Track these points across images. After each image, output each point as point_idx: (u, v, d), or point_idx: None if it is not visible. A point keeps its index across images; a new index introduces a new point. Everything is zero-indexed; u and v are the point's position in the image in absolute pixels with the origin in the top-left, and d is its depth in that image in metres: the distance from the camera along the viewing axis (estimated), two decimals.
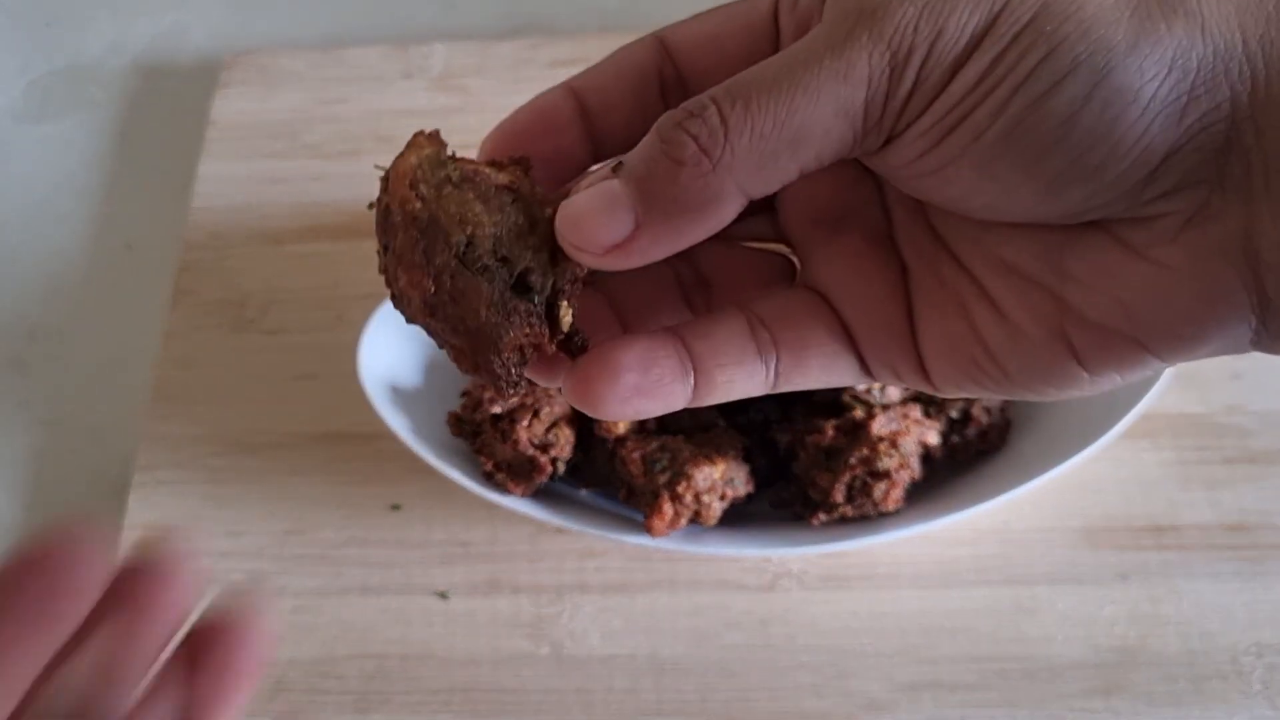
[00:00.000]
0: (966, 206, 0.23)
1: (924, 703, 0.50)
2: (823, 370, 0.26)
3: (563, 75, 0.27)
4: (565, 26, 0.76)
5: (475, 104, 0.71)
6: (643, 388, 0.24)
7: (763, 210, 0.28)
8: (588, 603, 0.54)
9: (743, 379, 0.25)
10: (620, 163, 0.23)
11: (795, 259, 0.28)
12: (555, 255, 0.25)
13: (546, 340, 0.25)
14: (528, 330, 0.24)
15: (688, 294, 0.28)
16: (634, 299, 0.27)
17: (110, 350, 0.65)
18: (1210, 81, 0.20)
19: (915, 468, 0.51)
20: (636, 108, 0.25)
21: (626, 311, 0.27)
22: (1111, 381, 0.24)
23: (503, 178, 0.25)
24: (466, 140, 0.76)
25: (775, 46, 0.25)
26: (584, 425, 0.53)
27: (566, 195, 0.24)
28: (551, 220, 0.24)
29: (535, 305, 0.24)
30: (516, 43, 0.73)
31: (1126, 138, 0.20)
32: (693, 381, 0.25)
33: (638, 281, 0.25)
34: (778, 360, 0.26)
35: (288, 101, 0.73)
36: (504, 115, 0.28)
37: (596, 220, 0.22)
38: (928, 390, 0.26)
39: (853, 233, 0.27)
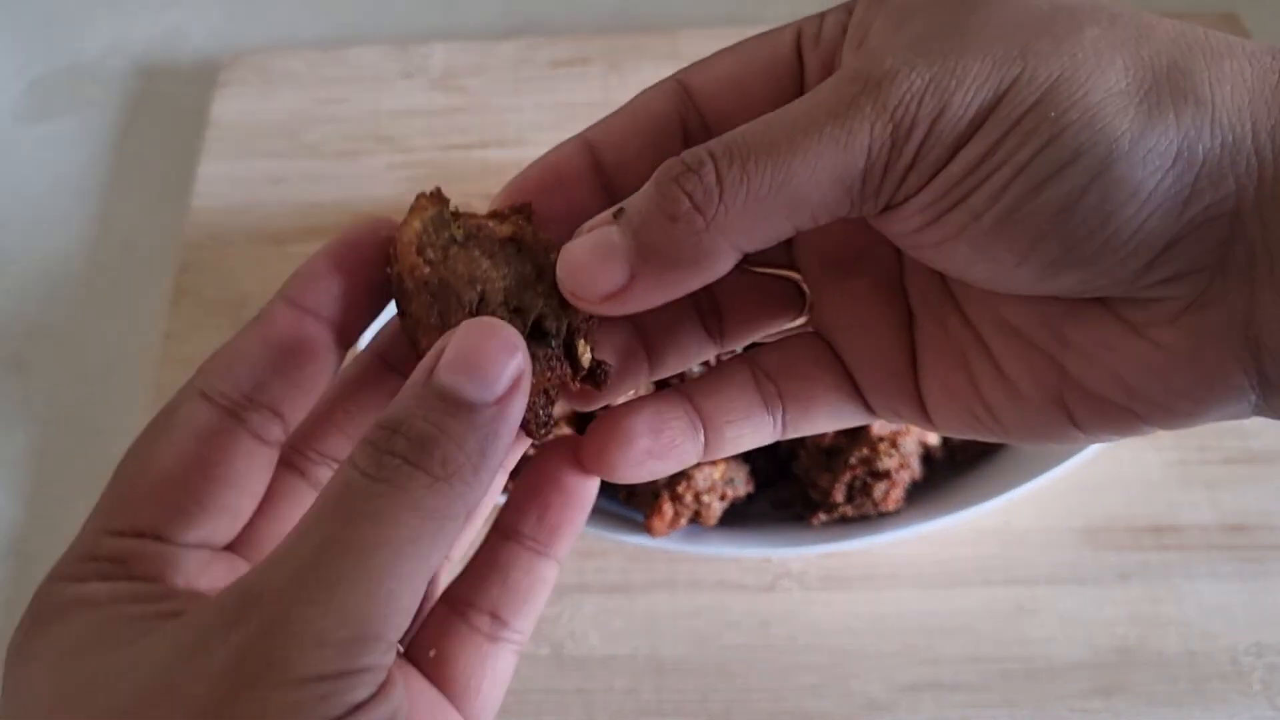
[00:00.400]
0: (964, 277, 0.23)
1: (925, 703, 0.50)
2: (828, 417, 0.27)
3: (562, 75, 0.27)
4: (565, 26, 0.76)
5: (475, 104, 0.71)
6: (655, 451, 0.25)
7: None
8: (588, 603, 0.54)
9: (751, 431, 0.26)
10: (622, 209, 0.23)
11: (806, 288, 0.28)
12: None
13: (570, 379, 0.25)
14: (549, 374, 0.25)
15: (703, 317, 0.28)
16: (654, 320, 0.27)
17: (110, 350, 0.65)
18: (1215, 174, 0.20)
19: (915, 468, 0.51)
20: (655, 160, 0.24)
21: (648, 332, 0.28)
22: (1106, 439, 0.24)
23: (505, 229, 0.25)
24: (467, 140, 0.76)
25: (799, 87, 0.25)
26: (584, 425, 0.53)
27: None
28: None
29: (554, 349, 0.25)
30: (516, 43, 0.73)
31: (1123, 230, 0.20)
32: (703, 439, 0.26)
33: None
34: (784, 412, 0.26)
35: (287, 102, 0.73)
36: (504, 115, 0.28)
37: (593, 270, 0.23)
38: (929, 430, 0.27)
39: (863, 277, 0.27)
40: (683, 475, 0.49)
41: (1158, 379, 0.22)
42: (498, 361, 0.22)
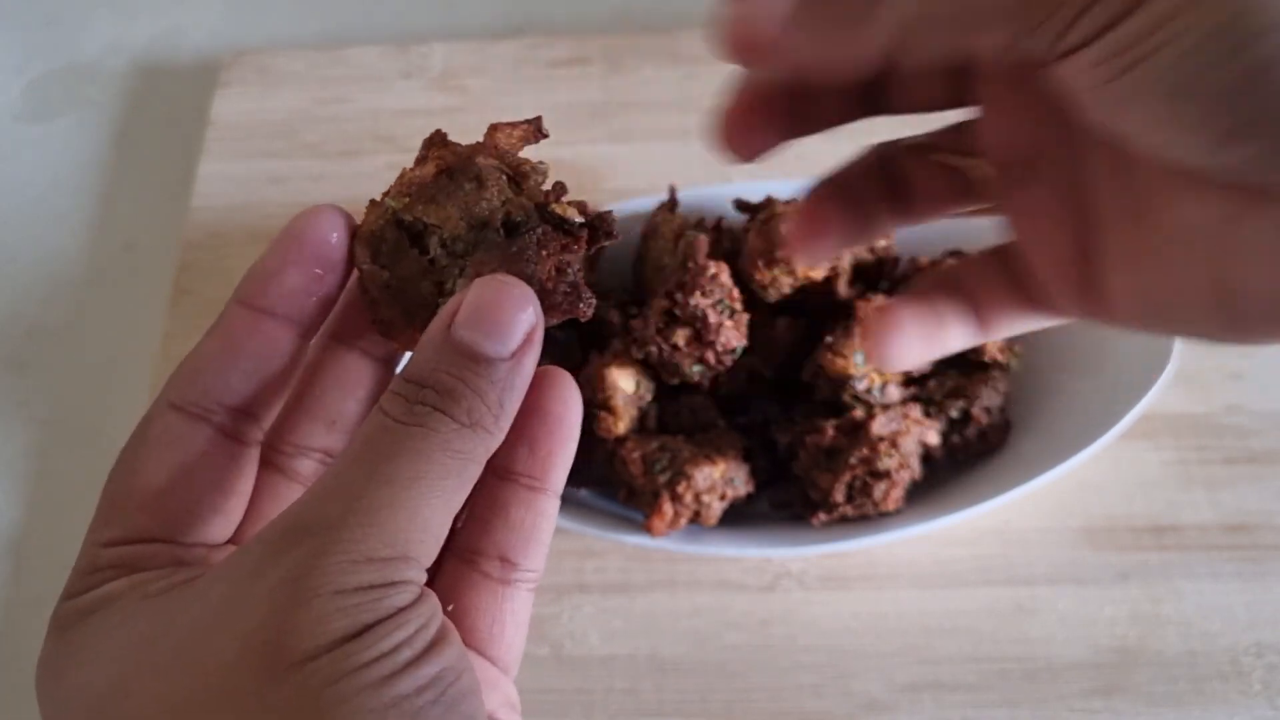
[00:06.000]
0: (1142, 139, 0.23)
1: (924, 703, 0.50)
2: (1013, 321, 0.30)
3: (562, 75, 0.27)
4: (565, 26, 0.76)
5: (475, 104, 0.71)
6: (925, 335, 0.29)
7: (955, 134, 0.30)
8: (588, 603, 0.54)
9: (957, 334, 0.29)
10: None
11: (988, 170, 0.29)
12: (515, 182, 0.26)
13: (574, 245, 0.26)
14: (548, 253, 0.25)
15: (893, 199, 0.30)
16: (848, 196, 0.30)
17: (110, 350, 0.65)
18: None
19: (915, 468, 0.51)
20: None
21: (847, 205, 0.30)
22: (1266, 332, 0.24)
23: (429, 169, 0.26)
24: (466, 140, 0.76)
25: None
26: (584, 425, 0.53)
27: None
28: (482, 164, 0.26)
29: (536, 231, 0.25)
30: (516, 43, 0.73)
31: None
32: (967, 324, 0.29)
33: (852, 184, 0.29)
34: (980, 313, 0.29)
35: (287, 101, 0.73)
36: (503, 115, 0.28)
37: None
38: (1108, 322, 0.28)
39: (1042, 178, 0.28)
40: (683, 475, 0.49)
41: None
42: (511, 318, 0.23)
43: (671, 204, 0.57)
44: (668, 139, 0.68)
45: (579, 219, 0.26)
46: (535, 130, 0.27)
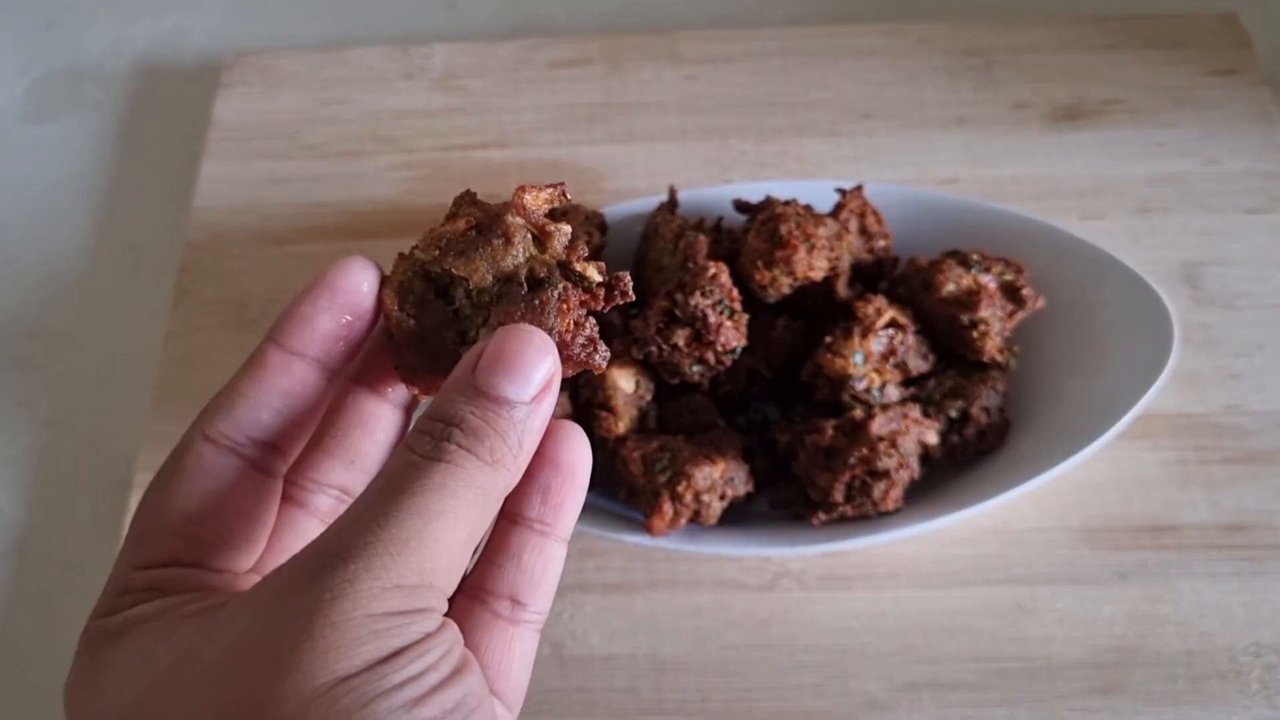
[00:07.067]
0: None
1: (924, 702, 0.50)
2: None
3: (562, 76, 0.28)
4: (565, 26, 0.77)
5: (476, 104, 0.71)
6: None
7: None
8: (588, 602, 0.54)
9: None
10: None
11: None
12: (537, 240, 0.28)
13: (590, 300, 0.27)
14: (567, 308, 0.27)
15: None
16: None
17: (112, 350, 0.65)
18: None
19: (914, 467, 0.51)
20: None
21: None
22: None
23: (460, 224, 0.28)
24: (467, 141, 0.76)
25: None
26: (584, 425, 0.53)
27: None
28: (508, 221, 0.28)
29: (558, 288, 0.27)
30: (516, 43, 0.74)
31: None
32: None
33: None
34: None
35: (288, 102, 0.73)
36: (504, 115, 0.29)
37: None
38: None
39: None
40: (683, 475, 0.49)
41: None
42: (532, 365, 0.25)
43: (671, 204, 0.57)
44: (668, 139, 0.68)
45: (599, 278, 0.27)
46: (561, 194, 0.29)
